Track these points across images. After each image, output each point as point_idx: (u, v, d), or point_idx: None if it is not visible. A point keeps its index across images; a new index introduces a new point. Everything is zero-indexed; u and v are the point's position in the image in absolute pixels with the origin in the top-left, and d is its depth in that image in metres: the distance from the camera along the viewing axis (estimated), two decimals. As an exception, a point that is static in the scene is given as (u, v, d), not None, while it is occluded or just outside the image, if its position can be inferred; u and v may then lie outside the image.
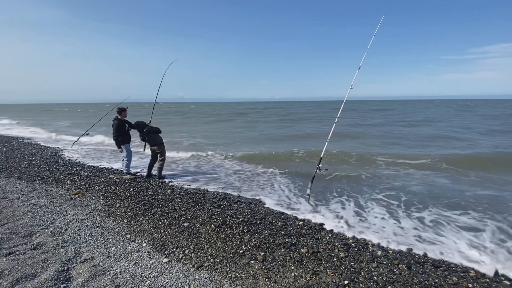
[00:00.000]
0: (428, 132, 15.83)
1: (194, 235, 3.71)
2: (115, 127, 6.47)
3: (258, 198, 5.46)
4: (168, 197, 5.23)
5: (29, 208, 4.40)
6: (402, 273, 2.99)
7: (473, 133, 15.46)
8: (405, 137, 14.43)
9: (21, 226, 3.72)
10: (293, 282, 2.77)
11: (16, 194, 5.05)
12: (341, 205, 5.09)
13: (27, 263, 2.86)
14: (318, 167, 5.05)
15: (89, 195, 5.23)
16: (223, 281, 2.74)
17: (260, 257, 3.18)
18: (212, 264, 3.04)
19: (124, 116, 6.68)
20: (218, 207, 4.74)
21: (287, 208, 4.97)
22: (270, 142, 13.62)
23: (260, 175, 7.23)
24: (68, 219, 4.08)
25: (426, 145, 11.85)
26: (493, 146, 11.05)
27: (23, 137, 14.94)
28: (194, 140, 13.82)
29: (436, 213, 4.72)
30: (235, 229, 3.89)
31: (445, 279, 2.91)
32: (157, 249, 3.32)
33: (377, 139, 13.75)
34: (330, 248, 3.46)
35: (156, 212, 4.48)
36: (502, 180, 6.61)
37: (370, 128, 18.64)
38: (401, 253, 3.46)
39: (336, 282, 2.77)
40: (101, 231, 3.74)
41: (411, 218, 4.57)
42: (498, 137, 13.88)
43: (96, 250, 3.23)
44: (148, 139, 6.56)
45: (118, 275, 2.77)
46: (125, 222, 4.08)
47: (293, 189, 6.07)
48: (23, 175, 6.45)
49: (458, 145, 11.51)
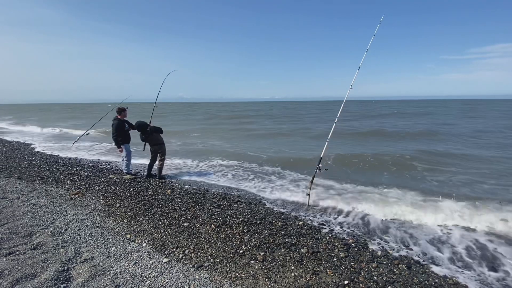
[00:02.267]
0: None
1: (194, 235, 3.71)
2: (114, 127, 6.48)
3: (258, 198, 5.47)
4: (168, 197, 5.23)
5: (29, 208, 4.40)
6: (402, 273, 2.99)
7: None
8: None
9: (21, 226, 3.72)
10: (293, 282, 2.77)
11: (16, 194, 5.05)
12: (341, 206, 5.10)
13: (27, 263, 2.86)
14: (318, 167, 5.04)
15: (89, 195, 5.23)
16: (223, 281, 2.74)
17: (260, 257, 3.18)
18: (212, 264, 3.04)
19: (124, 116, 6.68)
20: (218, 207, 4.74)
21: (287, 208, 4.97)
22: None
23: (260, 175, 7.22)
24: (68, 219, 4.08)
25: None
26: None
27: (23, 137, 14.94)
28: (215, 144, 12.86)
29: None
30: (235, 229, 3.89)
31: (445, 279, 2.91)
32: (157, 249, 3.32)
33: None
34: (330, 248, 3.46)
35: (156, 212, 4.48)
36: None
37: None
38: (401, 253, 3.47)
39: (336, 282, 2.77)
40: (101, 231, 3.74)
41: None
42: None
43: (96, 250, 3.23)
44: (149, 139, 6.56)
45: (118, 275, 2.77)
46: (125, 222, 4.08)
47: (293, 189, 6.07)
48: (23, 175, 6.45)
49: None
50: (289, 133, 16.63)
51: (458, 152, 9.73)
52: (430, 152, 9.80)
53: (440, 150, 10.13)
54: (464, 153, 9.52)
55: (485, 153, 9.66)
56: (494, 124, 19.08)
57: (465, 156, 9.10)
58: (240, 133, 17.40)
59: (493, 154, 9.40)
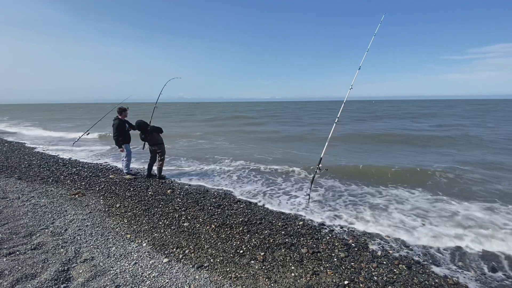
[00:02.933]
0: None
1: (194, 235, 3.71)
2: (115, 127, 6.49)
3: (258, 198, 5.46)
4: (168, 197, 5.23)
5: (29, 208, 4.40)
6: (402, 273, 2.99)
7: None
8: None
9: (21, 226, 3.72)
10: (293, 282, 2.77)
11: (16, 194, 5.05)
12: (342, 205, 5.09)
13: (27, 263, 2.86)
14: (318, 167, 5.04)
15: (89, 195, 5.23)
16: (223, 281, 2.74)
17: (260, 257, 3.18)
18: (212, 264, 3.04)
19: (124, 116, 6.69)
20: (218, 207, 4.74)
21: (288, 208, 4.97)
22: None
23: (261, 174, 7.22)
24: (68, 219, 4.08)
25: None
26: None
27: (22, 136, 14.95)
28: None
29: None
30: (235, 229, 3.89)
31: (445, 279, 2.91)
32: (157, 249, 3.33)
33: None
34: (330, 248, 3.46)
35: (156, 212, 4.48)
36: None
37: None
38: (401, 253, 3.47)
39: (336, 282, 2.77)
40: (101, 231, 3.74)
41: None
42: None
43: (96, 250, 3.23)
44: (149, 139, 6.57)
45: (118, 275, 2.77)
46: (125, 222, 4.08)
47: (293, 188, 6.07)
48: (23, 175, 6.45)
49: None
50: (297, 135, 15.46)
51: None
52: (491, 164, 7.52)
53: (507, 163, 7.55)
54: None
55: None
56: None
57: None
58: (245, 135, 16.31)
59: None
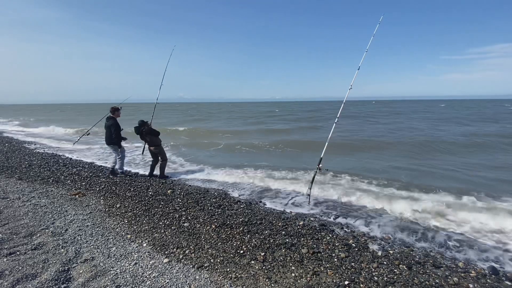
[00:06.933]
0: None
1: (194, 235, 3.71)
2: (114, 127, 6.48)
3: (258, 197, 5.46)
4: (168, 197, 5.23)
5: (30, 208, 4.40)
6: (403, 273, 2.99)
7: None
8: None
9: (22, 226, 3.72)
10: (294, 282, 2.76)
11: (16, 194, 5.05)
12: (342, 205, 5.09)
13: (27, 263, 2.86)
14: (319, 167, 5.04)
15: (89, 195, 5.24)
16: (223, 282, 2.73)
17: (260, 258, 3.18)
18: (213, 264, 3.04)
19: (117, 116, 6.71)
20: (219, 207, 4.74)
21: (288, 208, 4.97)
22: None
23: (260, 174, 7.21)
24: (69, 219, 4.08)
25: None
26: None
27: (23, 138, 14.96)
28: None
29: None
30: (236, 230, 3.89)
31: (445, 279, 2.90)
32: (158, 249, 3.32)
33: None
34: (331, 249, 3.46)
35: (156, 213, 4.48)
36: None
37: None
38: (402, 253, 3.46)
39: (336, 283, 2.77)
40: (101, 232, 3.74)
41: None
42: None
43: (96, 250, 3.23)
44: (148, 140, 6.62)
45: (119, 275, 2.77)
46: (126, 222, 4.08)
47: (294, 189, 6.06)
48: (24, 175, 6.46)
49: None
50: (302, 138, 14.21)
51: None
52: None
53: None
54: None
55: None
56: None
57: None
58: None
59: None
